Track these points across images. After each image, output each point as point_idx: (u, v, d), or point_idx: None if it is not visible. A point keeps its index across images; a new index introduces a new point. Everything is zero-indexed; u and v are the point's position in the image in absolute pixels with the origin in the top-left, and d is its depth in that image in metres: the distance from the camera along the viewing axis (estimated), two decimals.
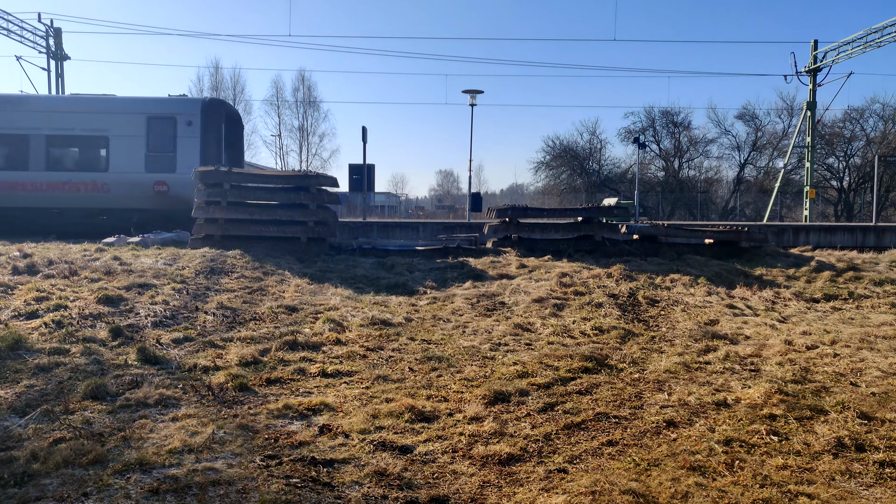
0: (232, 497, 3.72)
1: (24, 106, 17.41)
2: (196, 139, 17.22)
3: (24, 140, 17.05)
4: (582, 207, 14.30)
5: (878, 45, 27.06)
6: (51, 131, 17.18)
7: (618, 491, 3.88)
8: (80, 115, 17.32)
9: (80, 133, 17.31)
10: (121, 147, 17.19)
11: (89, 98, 18.18)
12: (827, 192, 47.38)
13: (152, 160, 17.20)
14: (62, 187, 17.10)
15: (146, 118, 17.31)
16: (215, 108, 17.86)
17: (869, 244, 19.74)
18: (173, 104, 17.73)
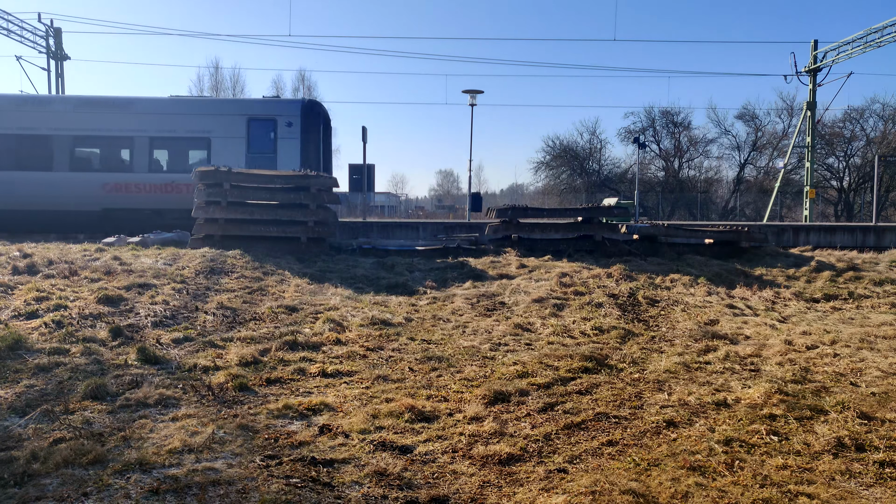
0: (232, 497, 3.72)
1: (129, 108, 17.53)
2: (296, 140, 17.39)
3: (129, 141, 17.22)
4: (582, 207, 14.31)
5: (878, 45, 27.06)
6: (154, 133, 17.33)
7: (618, 491, 3.88)
8: (183, 116, 17.49)
9: (183, 135, 17.47)
10: (222, 148, 17.38)
11: (192, 100, 18.40)
12: (827, 192, 47.38)
13: (253, 161, 17.39)
14: (164, 188, 17.27)
15: (247, 119, 17.47)
16: (314, 109, 17.99)
17: (869, 244, 19.74)
18: (273, 105, 17.89)
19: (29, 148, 17.15)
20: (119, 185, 17.24)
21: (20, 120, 17.12)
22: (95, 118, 17.27)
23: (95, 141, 17.41)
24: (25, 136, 17.06)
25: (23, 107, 17.27)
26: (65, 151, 17.13)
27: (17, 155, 17.01)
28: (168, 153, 17.77)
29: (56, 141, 17.09)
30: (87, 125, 17.23)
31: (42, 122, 17.16)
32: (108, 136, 17.34)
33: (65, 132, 17.14)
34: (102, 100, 17.90)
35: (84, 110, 17.35)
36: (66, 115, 17.22)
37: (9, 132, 17.05)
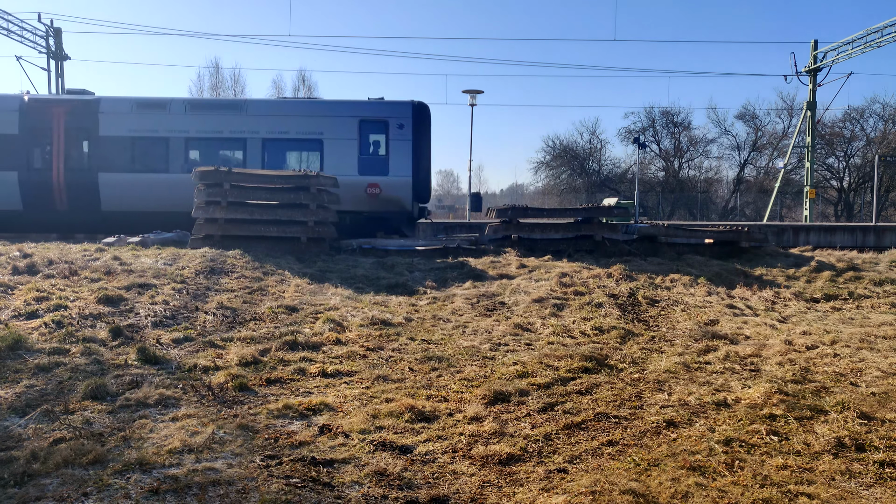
0: (232, 497, 3.72)
1: (242, 110, 17.65)
2: (408, 142, 17.48)
3: (242, 143, 17.35)
4: (582, 207, 14.31)
5: (878, 45, 27.07)
6: (267, 134, 17.43)
7: (618, 491, 3.88)
8: (296, 118, 17.58)
9: (295, 136, 17.56)
10: (334, 150, 17.47)
11: (304, 102, 18.43)
12: (827, 192, 47.40)
13: (365, 163, 17.47)
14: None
15: (358, 121, 17.58)
16: (424, 111, 18.06)
17: (869, 244, 19.76)
18: (385, 107, 17.94)
19: (145, 150, 17.33)
20: None
21: (137, 122, 17.26)
22: (209, 120, 17.46)
23: (209, 142, 17.59)
24: (142, 139, 17.23)
25: (139, 109, 17.42)
26: (180, 153, 17.30)
27: (134, 157, 17.17)
28: (281, 154, 17.90)
29: (172, 143, 17.26)
30: (202, 127, 17.42)
31: (159, 125, 17.32)
32: (221, 137, 17.51)
33: (180, 134, 17.28)
34: (216, 102, 18.28)
35: (198, 112, 17.52)
36: (181, 117, 17.38)
37: (126, 134, 17.20)
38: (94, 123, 17.20)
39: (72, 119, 17.25)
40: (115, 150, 17.16)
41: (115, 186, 17.08)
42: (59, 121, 17.22)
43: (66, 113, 17.26)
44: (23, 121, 17.06)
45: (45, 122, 17.18)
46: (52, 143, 17.19)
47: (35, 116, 17.17)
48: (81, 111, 17.29)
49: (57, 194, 17.09)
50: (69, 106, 17.41)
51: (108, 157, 17.13)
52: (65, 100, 17.52)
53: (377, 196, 17.31)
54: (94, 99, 17.54)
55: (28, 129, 17.09)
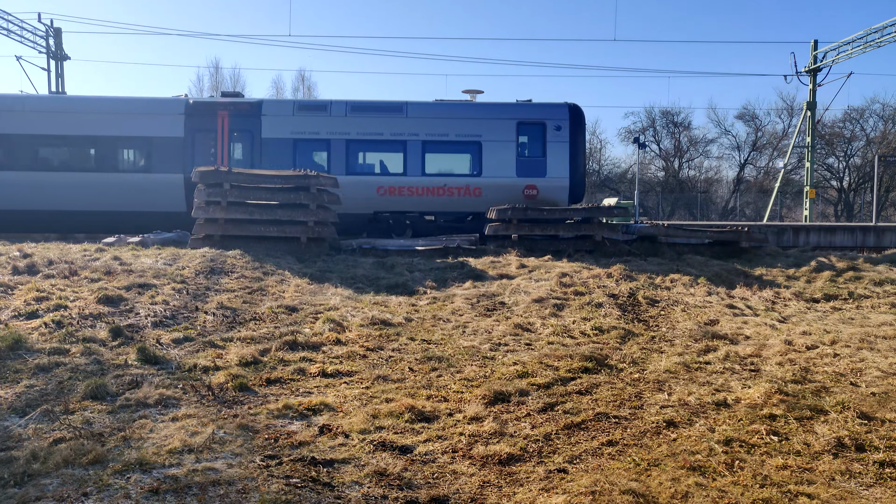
0: (232, 497, 3.72)
1: (402, 113, 17.80)
2: (565, 144, 17.59)
3: (402, 145, 17.48)
4: (582, 207, 14.29)
5: (878, 45, 27.06)
6: (426, 137, 17.56)
7: (618, 491, 3.88)
8: (455, 120, 17.68)
9: (454, 139, 17.65)
10: (493, 152, 17.57)
11: (464, 104, 18.49)
12: (827, 192, 47.39)
13: (523, 165, 17.57)
14: (436, 191, 17.47)
15: (516, 123, 17.68)
16: (579, 113, 18.17)
17: (869, 244, 19.76)
18: (542, 109, 18.05)
19: (307, 152, 17.52)
20: (392, 188, 17.48)
21: (299, 124, 17.43)
22: (370, 122, 17.59)
23: (369, 144, 17.75)
24: (303, 140, 17.41)
25: (301, 112, 17.57)
26: (341, 155, 17.46)
27: (296, 158, 17.32)
28: (440, 157, 17.99)
29: (333, 145, 17.42)
30: (362, 129, 17.56)
31: (320, 127, 17.46)
32: (381, 139, 17.64)
33: (341, 136, 17.44)
34: (377, 104, 18.21)
35: (359, 115, 17.64)
36: (342, 120, 17.52)
37: (288, 136, 17.35)
38: (257, 126, 17.34)
39: (234, 122, 17.41)
40: (277, 153, 17.31)
41: None
42: (222, 123, 17.37)
43: (230, 116, 17.41)
44: (187, 124, 17.21)
45: (208, 124, 17.33)
46: (215, 146, 17.35)
47: (199, 119, 17.31)
48: (244, 114, 17.46)
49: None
50: (232, 108, 17.54)
51: (270, 159, 17.25)
52: (228, 102, 17.64)
53: (534, 198, 17.42)
54: (257, 101, 17.68)
55: (192, 131, 17.23)
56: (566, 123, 17.60)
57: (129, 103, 17.57)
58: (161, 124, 17.11)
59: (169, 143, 17.07)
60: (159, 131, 17.06)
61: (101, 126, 16.98)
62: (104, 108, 17.37)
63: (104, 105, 17.55)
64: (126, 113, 17.27)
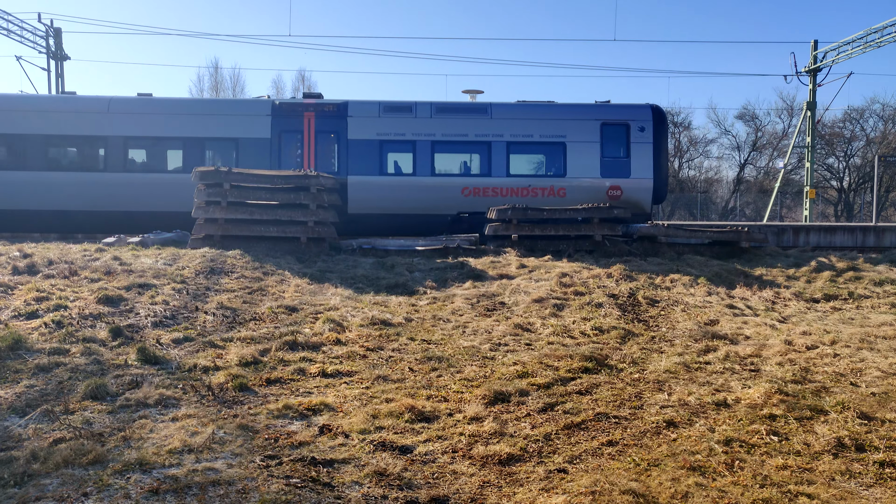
0: (232, 497, 3.72)
1: (486, 114, 17.87)
2: (649, 145, 17.68)
3: (487, 146, 17.53)
4: (582, 207, 14.28)
5: (878, 45, 27.06)
6: (510, 138, 17.61)
7: (618, 491, 3.88)
8: (539, 121, 17.73)
9: (538, 139, 17.72)
10: (577, 153, 17.64)
11: (548, 105, 18.54)
12: (827, 192, 47.39)
13: (607, 165, 17.64)
14: (520, 192, 17.53)
15: (600, 124, 17.77)
16: (662, 114, 18.35)
17: (869, 244, 19.76)
18: (626, 110, 18.16)
19: (393, 153, 17.60)
20: (477, 189, 17.53)
21: (385, 126, 17.50)
22: (455, 123, 17.64)
23: (454, 146, 17.82)
24: (389, 142, 17.51)
25: (386, 113, 17.63)
26: (427, 156, 17.51)
27: (381, 160, 17.41)
28: (524, 158, 18.07)
29: (419, 146, 17.47)
30: (448, 130, 17.61)
31: (405, 128, 17.52)
32: (466, 140, 17.70)
33: (426, 137, 17.49)
34: (462, 105, 18.32)
35: (444, 116, 17.70)
36: (427, 121, 17.57)
37: (374, 138, 17.44)
38: (343, 127, 17.41)
39: (321, 123, 17.48)
40: (363, 154, 17.37)
41: (364, 189, 17.26)
42: (309, 124, 17.45)
43: (316, 117, 17.50)
44: (274, 125, 17.27)
45: (295, 125, 17.40)
46: (302, 147, 17.41)
47: (285, 120, 17.37)
48: (331, 115, 17.54)
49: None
50: (319, 110, 17.62)
51: (356, 160, 17.35)
52: (315, 104, 17.73)
53: (618, 198, 17.48)
54: (343, 103, 17.74)
55: (279, 132, 17.31)
56: (650, 124, 17.72)
57: (216, 105, 17.86)
58: (248, 125, 17.22)
59: (256, 144, 17.19)
60: (246, 132, 17.18)
61: (189, 127, 17.11)
62: (191, 110, 17.54)
63: (191, 106, 17.70)
64: (213, 114, 17.42)
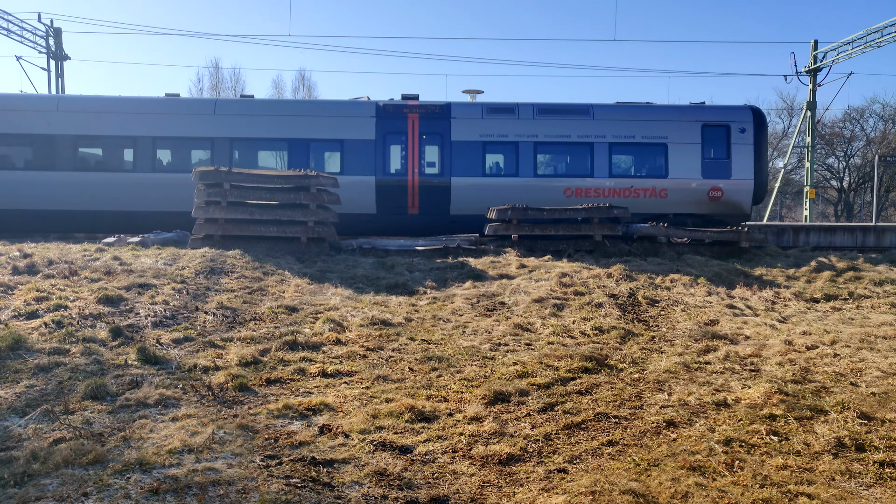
0: (232, 497, 3.72)
1: (588, 115, 18.03)
2: (749, 146, 17.79)
3: (589, 147, 17.71)
4: (582, 207, 14.28)
5: (878, 45, 27.06)
6: (613, 139, 17.81)
7: (618, 491, 3.88)
8: (640, 122, 17.89)
9: (640, 140, 17.88)
10: (679, 154, 17.78)
11: (649, 107, 18.78)
12: (827, 192, 47.38)
13: (708, 166, 17.78)
14: (622, 193, 17.69)
15: (701, 126, 17.90)
16: (762, 116, 18.46)
17: (869, 244, 19.78)
18: (726, 112, 18.32)
19: (496, 154, 17.80)
20: (579, 190, 17.68)
21: (487, 127, 17.67)
22: (558, 124, 17.78)
23: (556, 147, 18.00)
24: (492, 143, 17.68)
25: (489, 114, 17.78)
26: (529, 157, 17.65)
27: (484, 161, 17.59)
28: (627, 158, 18.22)
29: (521, 147, 17.63)
30: (550, 131, 17.75)
31: (508, 129, 17.68)
32: (568, 142, 17.85)
33: (529, 139, 17.63)
34: (564, 107, 18.44)
35: (547, 117, 17.83)
36: (530, 122, 17.70)
37: (477, 139, 17.59)
38: (447, 129, 17.51)
39: (424, 124, 17.59)
40: (466, 155, 17.50)
41: (466, 190, 17.39)
42: (412, 126, 17.57)
43: (420, 118, 17.63)
44: (378, 126, 17.41)
45: (399, 127, 17.53)
46: (405, 148, 17.53)
47: (389, 122, 17.52)
48: (434, 116, 17.67)
49: (410, 198, 17.40)
50: (423, 111, 17.75)
51: (459, 161, 17.47)
52: (418, 105, 17.87)
53: (718, 199, 17.65)
54: (446, 104, 17.87)
55: (383, 134, 17.44)
56: (750, 126, 17.82)
57: (321, 106, 17.88)
58: (352, 127, 17.38)
59: (360, 145, 17.34)
60: (351, 134, 17.35)
61: (294, 129, 17.25)
62: (297, 111, 17.67)
63: (297, 108, 17.83)
64: (318, 115, 17.56)
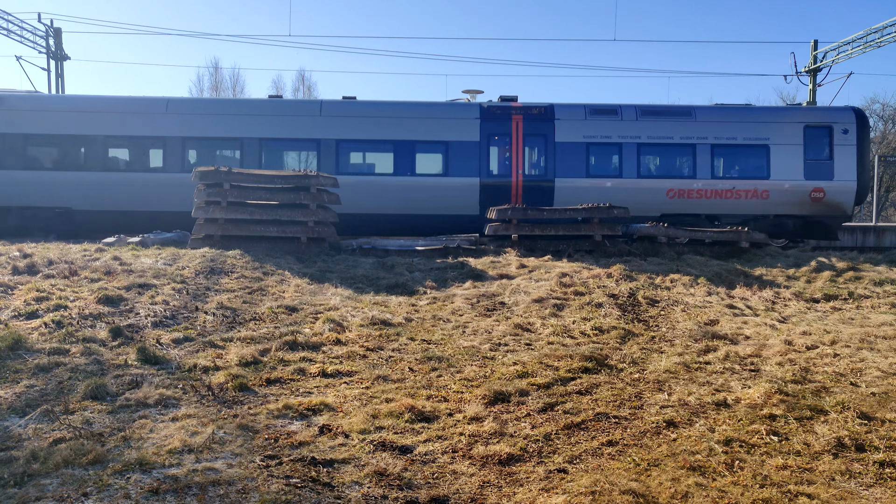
0: (232, 497, 3.72)
1: (691, 117, 18.22)
2: (852, 147, 17.85)
3: (692, 149, 17.90)
4: (582, 207, 14.28)
5: (878, 45, 27.04)
6: (715, 140, 17.97)
7: (618, 491, 3.88)
8: (742, 124, 18.05)
9: (742, 142, 18.03)
10: (781, 155, 17.87)
11: (750, 108, 18.99)
12: None
13: (810, 168, 17.87)
14: (724, 194, 17.83)
15: (803, 127, 17.99)
16: (864, 117, 18.59)
17: (869, 244, 19.80)
18: (828, 113, 18.44)
19: (599, 155, 17.92)
20: (681, 191, 17.82)
21: (591, 128, 17.83)
22: (660, 126, 17.95)
23: (659, 148, 18.16)
24: (595, 144, 17.83)
25: (592, 116, 17.95)
26: (632, 158, 17.87)
27: (588, 162, 17.77)
28: (728, 160, 18.33)
29: (625, 148, 17.82)
30: (653, 133, 17.93)
31: (611, 131, 17.88)
32: (671, 143, 18.01)
33: (632, 140, 17.82)
34: (667, 108, 18.76)
35: (649, 119, 18.02)
36: (633, 124, 17.89)
37: (581, 140, 17.75)
38: (551, 130, 17.63)
39: (528, 126, 17.71)
40: (569, 156, 17.62)
41: (570, 191, 17.51)
42: (517, 127, 17.68)
43: (524, 120, 17.74)
44: (482, 128, 17.51)
45: (503, 129, 17.63)
46: (510, 150, 17.65)
47: (493, 123, 17.62)
48: (538, 118, 17.79)
49: (513, 199, 17.48)
50: (526, 113, 17.86)
51: (563, 162, 17.60)
52: (522, 107, 17.99)
53: (820, 200, 17.71)
54: (549, 106, 17.98)
55: (487, 135, 17.55)
56: (853, 127, 17.88)
57: (425, 108, 17.93)
58: (457, 129, 17.46)
59: (465, 147, 17.45)
60: (456, 136, 17.43)
61: (400, 131, 17.38)
62: (402, 113, 17.74)
63: (402, 110, 17.87)
64: (423, 118, 17.63)
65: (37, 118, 17.09)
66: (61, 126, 16.98)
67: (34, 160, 17.24)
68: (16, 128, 16.89)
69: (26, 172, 16.87)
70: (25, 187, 16.75)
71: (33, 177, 16.87)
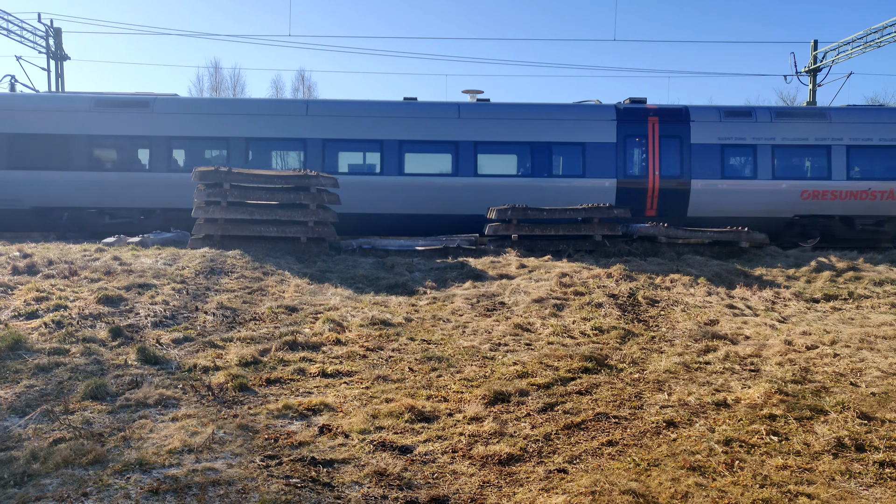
0: (232, 497, 3.72)
1: (827, 118, 18.38)
2: None
3: (826, 150, 18.02)
4: (582, 207, 14.27)
5: (878, 45, 27.04)
6: (850, 141, 18.11)
7: (618, 491, 3.88)
8: (878, 125, 18.16)
9: (878, 143, 18.16)
10: None
11: (886, 109, 19.14)
12: None
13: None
14: (860, 195, 17.94)
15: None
16: None
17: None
18: None
19: (734, 156, 18.12)
20: (816, 192, 17.92)
21: (726, 130, 18.05)
22: (793, 128, 18.10)
23: (793, 150, 18.28)
24: (729, 146, 18.02)
25: (726, 118, 18.15)
26: (767, 160, 18.02)
27: (723, 163, 17.95)
28: (863, 161, 18.47)
29: (759, 150, 17.99)
30: (788, 135, 18.08)
31: (746, 132, 18.08)
32: (805, 144, 18.16)
33: (766, 142, 18.02)
34: (799, 110, 18.94)
35: (784, 120, 18.19)
36: (767, 126, 18.09)
37: (715, 142, 17.95)
38: (686, 132, 17.83)
39: (664, 127, 17.91)
40: (705, 157, 17.77)
41: (705, 193, 17.66)
42: (653, 129, 17.87)
43: (660, 121, 17.96)
44: (619, 129, 17.71)
45: (639, 130, 17.84)
46: (646, 151, 17.82)
47: (629, 125, 17.83)
48: (673, 120, 18.01)
49: (649, 200, 17.66)
50: (662, 114, 18.09)
51: (699, 163, 17.75)
52: (658, 109, 18.23)
53: None
54: (683, 108, 18.26)
55: (623, 136, 17.74)
56: None
57: (562, 110, 18.11)
58: (593, 130, 17.67)
59: (601, 148, 17.64)
60: (592, 137, 17.64)
61: (538, 132, 17.53)
62: (537, 115, 17.89)
63: (537, 112, 18.01)
64: (559, 119, 17.80)
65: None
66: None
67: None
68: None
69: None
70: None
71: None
